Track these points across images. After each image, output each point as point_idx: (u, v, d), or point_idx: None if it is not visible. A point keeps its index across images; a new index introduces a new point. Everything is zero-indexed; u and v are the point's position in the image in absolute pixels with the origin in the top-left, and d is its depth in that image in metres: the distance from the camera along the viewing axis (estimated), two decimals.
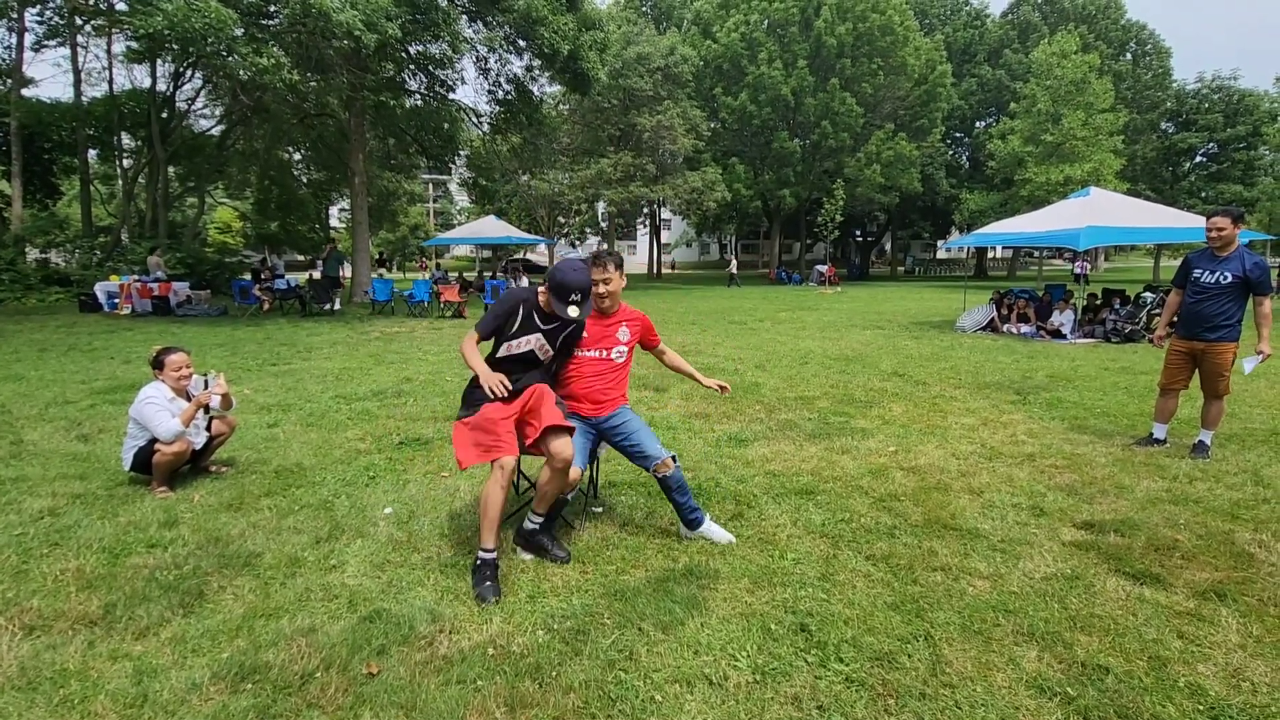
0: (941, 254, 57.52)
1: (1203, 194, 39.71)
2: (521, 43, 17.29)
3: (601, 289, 3.14)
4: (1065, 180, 27.75)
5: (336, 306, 15.79)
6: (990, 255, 49.88)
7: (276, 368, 8.33)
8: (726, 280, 34.34)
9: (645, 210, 39.32)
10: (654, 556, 3.08)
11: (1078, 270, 17.74)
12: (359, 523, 3.45)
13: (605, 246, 40.08)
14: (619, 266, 3.24)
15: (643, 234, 54.46)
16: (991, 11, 44.57)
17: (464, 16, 16.59)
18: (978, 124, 43.62)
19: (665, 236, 53.83)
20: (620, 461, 4.46)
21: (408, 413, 5.84)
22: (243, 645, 2.36)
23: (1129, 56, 41.45)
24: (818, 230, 34.81)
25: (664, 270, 45.95)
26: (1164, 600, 2.69)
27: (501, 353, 3.09)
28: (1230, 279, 4.39)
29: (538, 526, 3.03)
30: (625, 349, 3.31)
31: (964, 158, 45.30)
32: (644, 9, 39.45)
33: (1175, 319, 4.79)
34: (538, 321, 3.07)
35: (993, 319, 12.69)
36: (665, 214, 45.95)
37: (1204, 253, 4.60)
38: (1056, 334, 11.58)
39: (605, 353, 3.27)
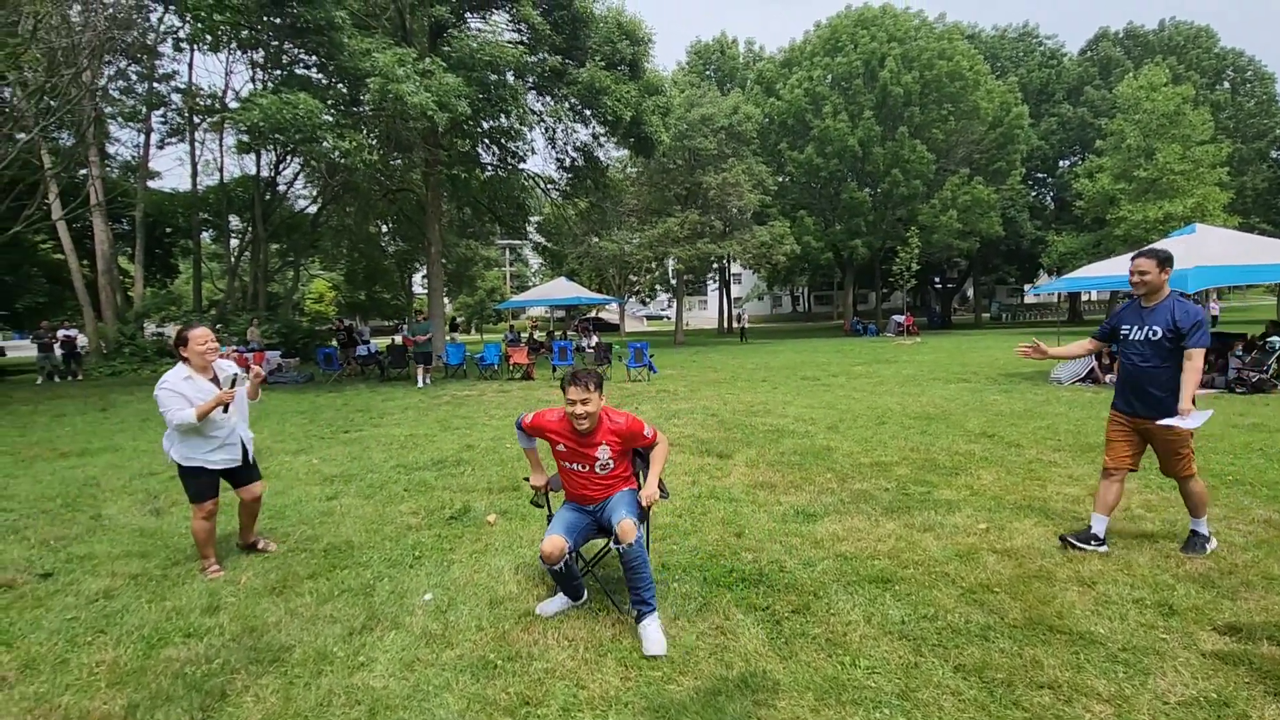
0: (1029, 299, 54.61)
1: None
2: (587, 112, 17.91)
3: (579, 409, 3.01)
4: (1165, 217, 25.90)
5: (424, 383, 14.24)
6: (1084, 298, 46.94)
7: (348, 434, 8.51)
8: (738, 336, 34.45)
9: (715, 265, 39.41)
10: (705, 660, 2.74)
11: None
12: (396, 611, 3.28)
13: (673, 301, 40.19)
14: (598, 386, 3.07)
15: (713, 289, 54.56)
16: (1068, 49, 43.22)
17: (531, 92, 17.39)
18: (1061, 163, 41.80)
19: (736, 290, 53.70)
20: (676, 541, 4.16)
21: (463, 483, 5.74)
22: None
23: (1226, 85, 39.01)
24: (893, 279, 33.80)
25: (734, 325, 45.62)
26: None
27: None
28: (1160, 334, 3.58)
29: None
30: (610, 462, 3.19)
31: (1048, 198, 43.35)
32: (707, 72, 40.51)
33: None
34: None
35: (1093, 369, 11.67)
36: (735, 268, 45.94)
37: (1133, 304, 3.80)
38: None
39: (587, 466, 3.19)
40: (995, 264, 45.43)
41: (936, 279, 46.72)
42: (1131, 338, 3.71)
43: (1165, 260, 3.63)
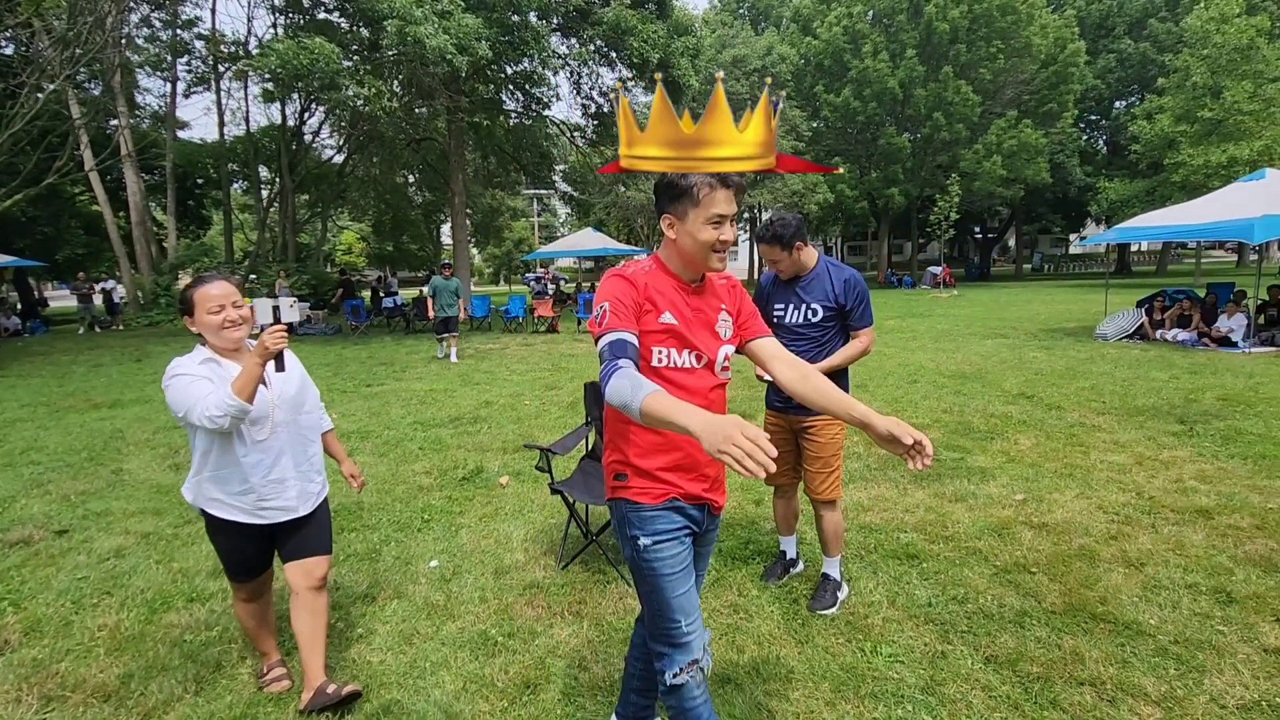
0: (1075, 249, 52.40)
1: None
2: (612, 54, 17.20)
3: (727, 233, 1.59)
4: (1229, 161, 24.26)
5: (449, 356, 11.05)
6: (1134, 249, 44.86)
7: (370, 389, 8.50)
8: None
9: (745, 215, 38.44)
10: (715, 642, 2.59)
11: None
12: (400, 579, 3.19)
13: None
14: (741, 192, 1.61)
15: (744, 239, 53.46)
16: None
17: (555, 34, 16.72)
18: (1117, 104, 39.34)
19: None
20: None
21: (478, 442, 5.64)
22: None
23: None
24: (930, 229, 32.59)
25: (758, 275, 44.84)
26: None
27: None
28: (820, 312, 2.78)
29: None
30: (731, 350, 1.74)
31: (1101, 143, 41.03)
32: (740, 10, 38.71)
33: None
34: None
35: (1142, 324, 11.08)
36: (766, 218, 44.76)
37: (775, 277, 2.96)
38: (1225, 342, 9.91)
39: (702, 362, 1.66)
40: (1040, 212, 43.49)
41: (976, 229, 45.06)
42: (788, 320, 2.84)
43: (793, 235, 2.76)
